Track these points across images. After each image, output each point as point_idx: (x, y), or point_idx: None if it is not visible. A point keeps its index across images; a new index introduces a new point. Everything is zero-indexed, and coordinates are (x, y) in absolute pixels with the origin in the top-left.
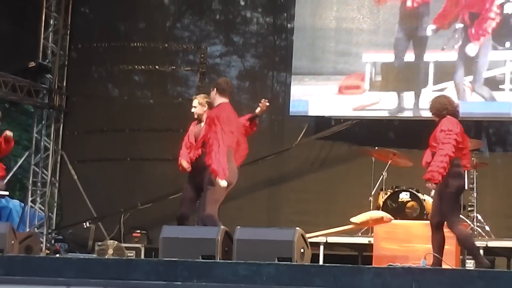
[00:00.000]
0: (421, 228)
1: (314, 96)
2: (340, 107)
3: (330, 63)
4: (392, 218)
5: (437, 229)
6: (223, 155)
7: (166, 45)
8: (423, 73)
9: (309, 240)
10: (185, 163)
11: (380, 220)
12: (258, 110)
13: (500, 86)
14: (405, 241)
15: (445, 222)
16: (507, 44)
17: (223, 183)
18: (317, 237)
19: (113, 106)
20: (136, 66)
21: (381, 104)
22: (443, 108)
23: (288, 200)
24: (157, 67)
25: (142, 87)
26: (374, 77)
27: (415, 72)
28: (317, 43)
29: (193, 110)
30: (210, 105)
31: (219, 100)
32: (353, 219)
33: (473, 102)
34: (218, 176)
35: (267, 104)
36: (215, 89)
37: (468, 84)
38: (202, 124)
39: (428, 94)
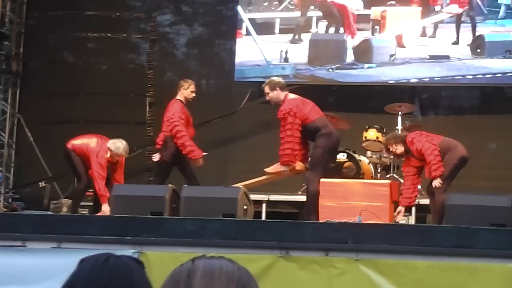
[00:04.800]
0: (357, 186)
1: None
2: None
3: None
4: (306, 167)
5: None
6: None
7: (118, 14)
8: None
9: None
10: None
11: (293, 170)
12: None
13: None
14: (342, 199)
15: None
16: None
17: None
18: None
19: (69, 71)
20: (90, 34)
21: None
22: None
23: (235, 160)
24: (109, 34)
25: (96, 53)
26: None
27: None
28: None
29: None
30: None
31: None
32: (267, 170)
33: None
34: None
35: None
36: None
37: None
38: None
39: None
